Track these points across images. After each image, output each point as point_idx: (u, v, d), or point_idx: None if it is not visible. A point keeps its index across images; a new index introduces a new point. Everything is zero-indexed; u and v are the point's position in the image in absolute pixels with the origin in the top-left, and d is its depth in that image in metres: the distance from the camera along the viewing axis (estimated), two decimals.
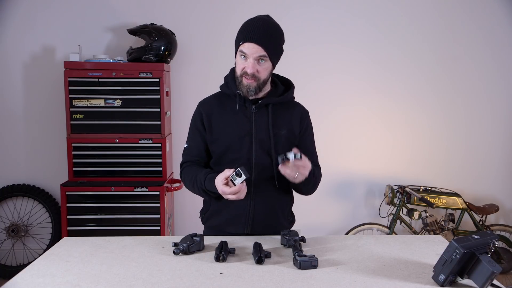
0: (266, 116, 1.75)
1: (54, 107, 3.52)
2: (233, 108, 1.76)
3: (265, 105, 1.76)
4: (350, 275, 1.39)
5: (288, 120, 1.79)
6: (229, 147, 1.75)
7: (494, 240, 1.29)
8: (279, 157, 1.60)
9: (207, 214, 1.85)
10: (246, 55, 1.67)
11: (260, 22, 1.69)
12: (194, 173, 1.76)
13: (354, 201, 3.75)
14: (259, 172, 1.74)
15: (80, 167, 3.21)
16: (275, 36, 1.71)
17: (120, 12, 3.51)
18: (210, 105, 1.81)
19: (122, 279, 1.36)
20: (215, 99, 1.83)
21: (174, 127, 3.60)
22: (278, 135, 1.75)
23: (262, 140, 1.74)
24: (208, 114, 1.79)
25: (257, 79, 1.69)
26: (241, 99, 1.75)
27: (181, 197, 3.64)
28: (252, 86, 1.69)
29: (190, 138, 1.86)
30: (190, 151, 1.84)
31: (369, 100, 3.67)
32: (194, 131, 1.83)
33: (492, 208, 3.47)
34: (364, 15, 3.60)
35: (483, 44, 3.66)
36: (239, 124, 1.75)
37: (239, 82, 1.71)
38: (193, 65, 3.59)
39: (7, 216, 3.58)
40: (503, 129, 3.74)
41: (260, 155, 1.74)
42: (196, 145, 1.83)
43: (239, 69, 1.71)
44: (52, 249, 1.63)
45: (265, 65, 1.69)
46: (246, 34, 1.67)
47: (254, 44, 1.65)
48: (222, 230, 1.79)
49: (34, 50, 3.52)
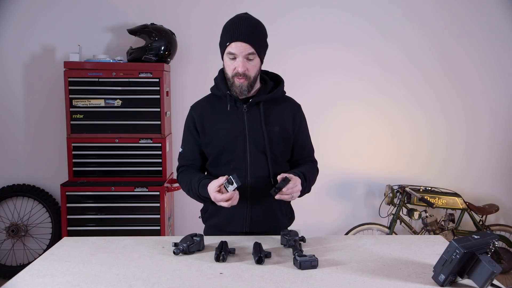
0: (258, 114, 1.76)
1: (54, 107, 3.52)
2: (225, 109, 1.76)
3: (256, 103, 1.76)
4: (350, 275, 1.39)
5: (280, 116, 1.79)
6: (223, 148, 1.75)
7: (494, 240, 1.29)
8: (271, 191, 1.62)
9: (207, 214, 1.85)
10: (234, 55, 1.67)
11: (242, 21, 1.70)
12: (189, 178, 1.78)
13: (354, 201, 3.75)
14: (254, 171, 1.74)
15: (80, 167, 3.21)
16: (259, 31, 1.72)
17: (120, 12, 3.51)
18: (201, 108, 1.82)
19: (122, 279, 1.36)
20: (206, 102, 1.84)
21: (174, 127, 3.60)
22: (271, 133, 1.75)
23: (256, 139, 1.74)
24: (200, 117, 1.80)
25: (248, 77, 1.69)
26: (232, 100, 1.75)
27: (181, 197, 3.63)
28: (245, 85, 1.70)
29: (184, 142, 1.87)
30: (185, 155, 1.86)
31: (369, 100, 3.67)
32: (188, 135, 1.84)
33: (492, 208, 3.47)
34: (364, 15, 3.60)
35: (483, 44, 3.66)
36: (232, 124, 1.75)
37: (231, 83, 1.72)
38: (193, 65, 3.59)
39: (7, 216, 3.58)
40: (503, 129, 3.74)
41: (255, 154, 1.74)
42: (190, 149, 1.84)
43: (230, 70, 1.70)
44: (52, 249, 1.63)
45: (254, 62, 1.69)
46: (231, 34, 1.67)
47: (241, 42, 1.65)
48: (222, 229, 1.79)
49: (34, 50, 3.52)
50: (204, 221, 1.89)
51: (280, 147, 1.78)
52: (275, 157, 1.76)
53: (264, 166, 1.75)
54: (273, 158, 1.75)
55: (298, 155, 1.86)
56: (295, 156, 1.86)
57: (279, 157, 1.78)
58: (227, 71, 1.72)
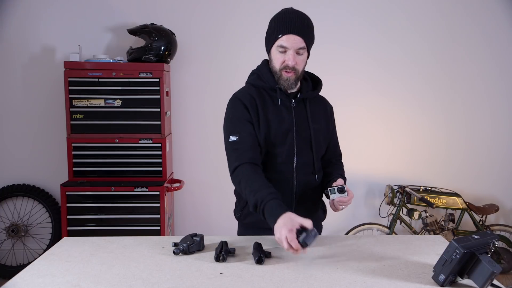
0: (304, 111, 1.76)
1: (54, 107, 3.52)
2: (273, 102, 1.73)
3: (302, 99, 1.77)
4: (350, 275, 1.39)
5: (321, 114, 1.82)
6: (274, 142, 1.71)
7: (494, 240, 1.29)
8: (325, 192, 1.70)
9: (246, 210, 1.79)
10: (285, 48, 1.65)
11: (293, 14, 1.68)
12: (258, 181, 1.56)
13: (354, 201, 3.72)
14: (300, 167, 1.73)
15: (80, 167, 3.21)
16: (310, 26, 1.71)
17: (120, 12, 3.51)
18: (250, 98, 1.71)
19: (122, 279, 1.36)
20: (251, 92, 1.73)
21: (174, 127, 3.60)
22: (316, 130, 1.77)
23: (303, 134, 1.73)
24: (252, 106, 1.70)
25: (296, 71, 1.68)
26: (282, 94, 1.73)
27: (181, 197, 3.64)
28: (292, 79, 1.69)
29: (239, 128, 1.66)
30: (243, 140, 1.64)
31: (369, 100, 3.67)
32: (240, 120, 1.67)
33: (492, 208, 3.47)
34: (364, 15, 3.60)
35: (483, 44, 3.66)
36: (283, 118, 1.72)
37: (279, 77, 1.69)
38: (193, 65, 3.59)
39: (7, 216, 3.58)
40: (503, 129, 3.74)
41: (302, 149, 1.73)
42: (249, 132, 1.66)
43: (279, 63, 1.67)
44: (52, 249, 1.63)
45: (303, 57, 1.69)
46: (284, 27, 1.64)
47: (294, 35, 1.64)
48: (260, 227, 1.72)
49: (34, 50, 3.52)
50: (241, 219, 1.84)
51: (321, 145, 1.80)
52: (318, 154, 1.79)
53: (309, 162, 1.75)
54: (317, 154, 1.78)
55: (332, 154, 1.90)
56: (329, 155, 1.88)
57: (320, 154, 1.81)
58: (275, 64, 1.70)
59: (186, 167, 3.65)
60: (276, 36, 1.66)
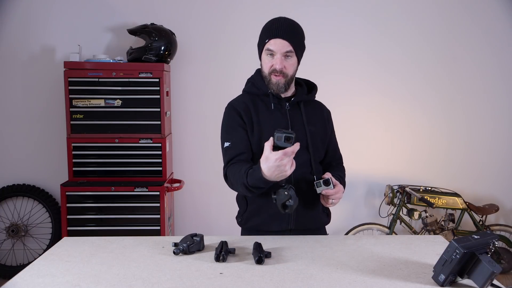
0: (300, 114, 1.79)
1: (54, 107, 3.52)
2: (267, 107, 1.77)
3: (297, 102, 1.79)
4: (350, 275, 1.39)
5: (317, 117, 1.84)
6: None
7: (494, 240, 1.29)
8: (315, 183, 1.67)
9: (246, 215, 1.81)
10: (273, 52, 1.69)
11: (282, 20, 1.74)
12: (238, 168, 1.65)
13: (354, 201, 3.75)
14: (297, 169, 1.72)
15: (80, 167, 3.21)
16: (298, 31, 1.75)
17: (120, 12, 3.51)
18: (244, 105, 1.77)
19: (122, 279, 1.36)
20: (245, 100, 1.80)
21: (174, 127, 3.60)
22: (312, 132, 1.79)
23: (298, 136, 1.73)
24: (246, 112, 1.76)
25: (285, 75, 1.71)
26: (275, 98, 1.76)
27: (181, 197, 3.64)
28: (281, 83, 1.72)
29: (231, 135, 1.74)
30: (235, 146, 1.72)
31: (369, 100, 3.67)
32: (234, 127, 1.75)
33: (492, 208, 3.47)
34: (364, 15, 3.60)
35: (484, 44, 3.66)
36: (277, 121, 1.75)
37: (268, 81, 1.73)
38: (193, 65, 3.59)
39: (7, 216, 3.58)
40: (503, 129, 3.74)
41: (299, 150, 1.73)
42: (241, 138, 1.73)
43: (267, 67, 1.72)
44: (52, 249, 1.63)
45: (291, 61, 1.72)
46: (271, 32, 1.70)
47: (280, 39, 1.68)
48: (262, 230, 1.77)
49: (34, 50, 3.52)
50: (242, 224, 1.86)
51: (318, 146, 1.82)
52: (315, 155, 1.80)
53: (307, 162, 1.77)
54: (314, 155, 1.79)
55: (332, 157, 1.91)
56: (329, 159, 1.90)
57: (317, 156, 1.82)
58: (264, 68, 1.74)
59: (186, 167, 3.65)
60: (264, 41, 1.72)
